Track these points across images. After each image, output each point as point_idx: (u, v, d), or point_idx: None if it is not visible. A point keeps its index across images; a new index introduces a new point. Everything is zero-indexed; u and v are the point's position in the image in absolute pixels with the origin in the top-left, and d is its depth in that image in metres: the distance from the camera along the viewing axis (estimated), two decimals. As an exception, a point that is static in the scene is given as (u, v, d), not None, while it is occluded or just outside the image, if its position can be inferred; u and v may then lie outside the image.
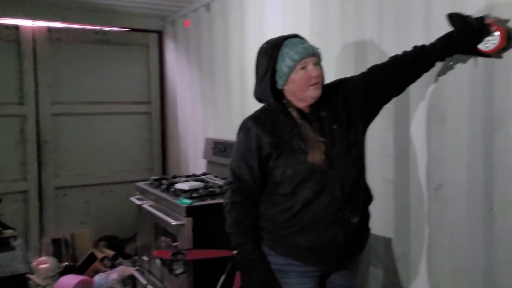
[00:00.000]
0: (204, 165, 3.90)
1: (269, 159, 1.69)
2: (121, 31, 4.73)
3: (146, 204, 3.10)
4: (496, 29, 1.61)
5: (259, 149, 1.69)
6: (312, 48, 1.69)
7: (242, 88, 3.42)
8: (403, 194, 2.15)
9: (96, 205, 4.57)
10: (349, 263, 1.77)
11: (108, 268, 3.95)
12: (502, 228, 1.73)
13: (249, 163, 1.71)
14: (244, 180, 1.72)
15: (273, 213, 1.71)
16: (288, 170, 1.65)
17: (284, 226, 1.69)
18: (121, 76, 4.70)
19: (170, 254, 2.37)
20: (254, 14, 3.24)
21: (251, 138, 1.70)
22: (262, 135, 1.68)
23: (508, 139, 1.68)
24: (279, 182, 1.69)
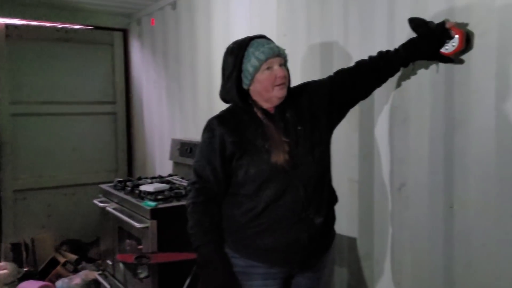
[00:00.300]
0: (170, 166, 3.84)
1: (232, 159, 1.68)
2: (84, 29, 4.63)
3: (109, 207, 3.03)
4: (455, 32, 1.65)
5: (222, 149, 1.68)
6: (278, 48, 1.69)
7: (209, 88, 3.39)
8: (367, 194, 2.17)
9: (58, 208, 4.44)
10: (314, 264, 1.77)
11: (71, 273, 3.85)
12: (460, 226, 1.77)
13: (212, 163, 1.69)
14: (207, 180, 1.70)
15: (236, 214, 1.70)
16: (251, 170, 1.65)
17: (247, 227, 1.68)
18: (84, 75, 4.60)
19: (134, 258, 2.33)
20: (221, 13, 3.22)
21: (214, 138, 1.69)
22: (226, 135, 1.68)
23: (467, 139, 1.72)
24: (242, 182, 1.68)
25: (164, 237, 2.57)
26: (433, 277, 1.88)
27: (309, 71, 2.42)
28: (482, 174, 1.68)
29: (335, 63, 2.28)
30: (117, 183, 3.23)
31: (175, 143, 3.69)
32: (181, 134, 3.82)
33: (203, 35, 3.45)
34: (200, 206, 1.71)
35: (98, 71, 4.70)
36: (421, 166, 1.90)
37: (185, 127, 3.77)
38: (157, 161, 4.29)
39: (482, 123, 1.67)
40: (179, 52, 3.81)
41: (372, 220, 2.17)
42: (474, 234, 1.72)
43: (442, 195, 1.83)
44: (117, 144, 4.81)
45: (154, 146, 4.35)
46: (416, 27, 1.72)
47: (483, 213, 1.68)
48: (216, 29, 3.28)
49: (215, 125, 1.71)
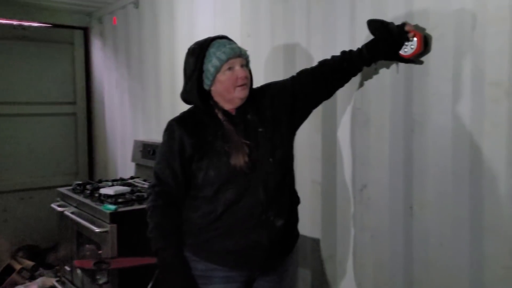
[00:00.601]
0: (132, 168, 3.77)
1: (192, 162, 1.66)
2: (42, 27, 4.48)
3: (68, 211, 2.95)
4: (414, 35, 1.67)
5: (181, 152, 1.65)
6: (240, 49, 1.67)
7: (172, 89, 3.34)
8: (330, 196, 2.18)
9: (14, 213, 4.29)
10: (275, 267, 1.75)
11: (27, 280, 3.73)
12: (419, 226, 1.80)
13: (172, 166, 1.67)
14: (166, 183, 1.68)
15: (195, 216, 1.68)
16: (211, 172, 1.63)
17: (207, 230, 1.66)
18: (42, 75, 4.46)
19: (92, 264, 2.26)
20: (185, 13, 3.18)
21: (174, 140, 1.67)
22: (185, 137, 1.65)
23: (425, 141, 1.75)
24: (201, 185, 1.66)
25: (124, 241, 2.51)
26: (394, 277, 1.91)
27: (273, 72, 2.42)
28: (439, 175, 1.71)
29: (298, 64, 2.28)
30: (76, 186, 3.15)
31: (137, 145, 3.62)
32: (144, 135, 3.75)
33: (166, 34, 3.40)
34: (160, 210, 1.68)
35: (57, 70, 4.56)
36: (381, 168, 1.92)
37: (148, 128, 3.70)
38: (119, 163, 4.20)
39: (439, 125, 1.70)
40: (142, 52, 3.75)
41: (334, 221, 2.18)
42: (432, 234, 1.75)
43: (402, 196, 1.85)
44: (77, 146, 4.68)
45: (116, 148, 4.26)
46: (374, 31, 1.74)
47: (440, 213, 1.71)
48: (180, 29, 3.24)
49: (174, 127, 1.69)
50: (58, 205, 3.09)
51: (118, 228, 2.50)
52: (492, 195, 1.56)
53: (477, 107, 1.58)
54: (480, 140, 1.58)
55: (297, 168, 1.88)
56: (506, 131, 1.50)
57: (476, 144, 1.59)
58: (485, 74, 1.54)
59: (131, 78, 3.96)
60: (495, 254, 1.56)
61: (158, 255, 1.65)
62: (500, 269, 1.55)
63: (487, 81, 1.54)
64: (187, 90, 1.71)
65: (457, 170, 1.65)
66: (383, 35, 1.71)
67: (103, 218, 2.57)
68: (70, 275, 3.06)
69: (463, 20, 1.60)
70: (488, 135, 1.55)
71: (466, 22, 1.59)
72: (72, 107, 4.66)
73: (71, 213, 2.91)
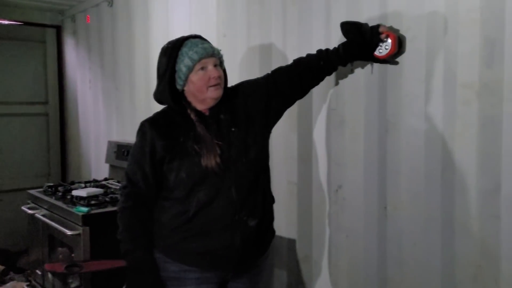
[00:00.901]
0: (106, 170, 3.71)
1: (163, 163, 1.64)
2: (14, 25, 4.36)
3: (39, 214, 2.88)
4: (388, 36, 1.69)
5: (152, 153, 1.64)
6: (213, 48, 1.65)
7: (147, 89, 3.30)
8: (306, 196, 2.19)
9: (-17, 216, 4.16)
10: (249, 268, 1.74)
11: (-3, 284, 3.62)
12: (393, 226, 1.82)
13: (143, 167, 1.65)
14: (137, 185, 1.66)
15: (167, 218, 1.66)
16: (182, 173, 1.61)
17: (179, 231, 1.64)
18: (13, 74, 4.35)
19: (64, 267, 2.21)
20: (160, 12, 3.15)
21: (145, 141, 1.65)
22: (156, 139, 1.63)
23: (399, 141, 1.77)
24: (173, 186, 1.64)
25: (97, 244, 2.47)
26: (368, 276, 1.92)
27: (248, 72, 2.41)
28: (412, 176, 1.73)
29: (274, 64, 2.27)
30: (47, 188, 3.08)
31: (111, 146, 3.56)
32: (118, 136, 3.69)
33: (141, 33, 3.36)
34: (130, 211, 1.66)
35: (29, 69, 4.46)
36: (356, 168, 1.94)
37: (122, 129, 3.65)
38: (92, 164, 4.13)
39: (412, 126, 1.72)
40: (116, 51, 3.69)
41: (310, 222, 2.19)
42: (405, 234, 1.77)
43: (376, 196, 1.87)
44: (49, 147, 4.58)
45: (90, 149, 4.18)
46: (347, 33, 1.74)
47: (414, 213, 1.74)
48: (155, 28, 3.20)
49: (146, 128, 1.67)
50: (29, 208, 3.02)
51: (91, 231, 2.46)
52: (463, 195, 1.59)
53: (449, 108, 1.60)
54: (451, 141, 1.60)
55: (273, 168, 1.88)
56: (477, 132, 1.53)
57: (448, 144, 1.61)
58: (456, 76, 1.57)
59: (105, 78, 3.90)
60: (466, 253, 1.59)
61: (127, 257, 1.63)
62: (471, 268, 1.58)
63: (459, 83, 1.57)
64: (160, 90, 1.69)
65: (430, 170, 1.67)
66: (356, 37, 1.71)
67: (75, 220, 2.52)
68: (41, 279, 2.99)
69: (436, 22, 1.62)
70: (459, 136, 1.58)
71: (439, 24, 1.62)
72: (44, 107, 4.56)
73: (42, 215, 2.84)
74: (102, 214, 2.54)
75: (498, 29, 1.46)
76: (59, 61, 4.60)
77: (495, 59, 1.47)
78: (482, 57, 1.50)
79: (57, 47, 4.59)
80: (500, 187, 1.48)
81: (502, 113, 1.46)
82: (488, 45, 1.49)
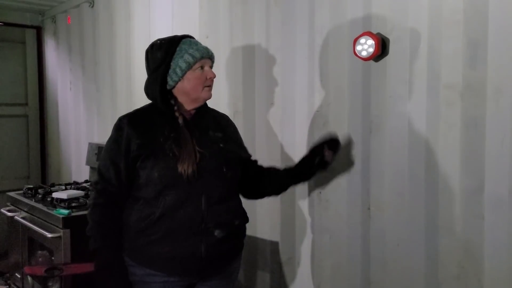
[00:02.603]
0: (87, 172, 3.65)
1: (137, 161, 1.60)
2: (-9, 25, 4.29)
3: (18, 216, 2.82)
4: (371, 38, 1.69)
5: (127, 151, 1.60)
6: (211, 51, 1.68)
7: (128, 90, 3.27)
8: (289, 198, 2.18)
9: (-40, 219, 4.05)
10: (215, 274, 1.70)
11: (-26, 289, 3.52)
12: (376, 227, 1.82)
13: (116, 164, 1.61)
14: (109, 181, 1.62)
15: (133, 219, 1.62)
16: (155, 173, 1.58)
17: (144, 234, 1.60)
18: (-9, 74, 4.26)
19: (44, 270, 2.16)
20: (141, 13, 3.12)
21: (121, 138, 1.61)
22: (133, 136, 1.60)
23: (382, 142, 1.78)
24: (144, 184, 1.61)
25: (78, 247, 2.42)
26: (352, 278, 1.92)
27: (232, 73, 2.40)
28: (396, 176, 1.74)
29: (257, 65, 2.28)
30: (27, 190, 3.01)
31: (92, 148, 3.51)
32: (99, 138, 3.64)
33: (122, 35, 3.32)
34: (101, 208, 1.62)
35: (8, 70, 4.38)
36: (339, 169, 1.93)
37: (103, 130, 3.60)
38: (73, 166, 4.07)
39: (396, 126, 1.73)
40: (97, 52, 3.65)
41: (293, 223, 2.18)
42: (388, 235, 1.78)
43: (360, 197, 1.87)
44: (29, 149, 4.50)
45: (70, 151, 4.12)
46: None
47: (397, 214, 1.74)
48: (137, 30, 3.17)
49: (124, 124, 1.63)
50: (8, 210, 2.96)
51: (72, 233, 2.42)
52: (446, 195, 1.60)
53: (433, 109, 1.61)
54: (435, 142, 1.62)
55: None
56: (459, 132, 1.55)
57: (432, 145, 1.63)
58: (440, 77, 1.58)
59: (85, 79, 3.85)
60: (449, 253, 1.60)
61: (96, 255, 1.59)
62: (454, 268, 1.59)
63: (442, 84, 1.58)
64: (150, 82, 1.66)
65: (413, 171, 1.68)
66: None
67: (56, 223, 2.47)
68: (20, 282, 2.92)
69: (419, 23, 1.64)
70: (443, 136, 1.59)
71: (422, 25, 1.63)
72: (23, 109, 4.48)
73: (22, 218, 2.79)
74: (83, 217, 2.45)
75: (481, 30, 1.48)
76: (39, 62, 4.53)
77: (478, 60, 1.49)
78: (466, 58, 1.52)
79: (37, 48, 4.52)
80: (483, 187, 1.50)
81: (486, 113, 1.48)
82: (471, 46, 1.51)
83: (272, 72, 2.20)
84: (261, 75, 2.27)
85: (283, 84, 2.16)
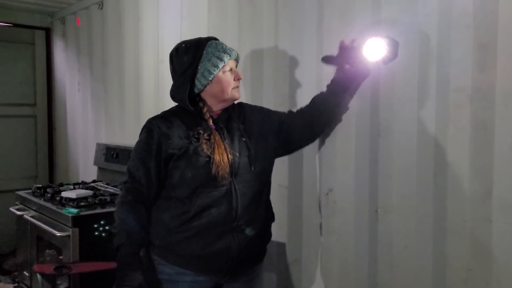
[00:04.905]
0: (95, 172, 3.67)
1: (170, 161, 1.63)
2: (3, 26, 4.33)
3: (27, 215, 2.85)
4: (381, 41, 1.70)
5: (159, 152, 1.63)
6: (236, 51, 1.72)
7: (137, 92, 3.29)
8: (296, 199, 2.19)
9: (-31, 218, 4.08)
10: (243, 274, 1.73)
11: (-18, 287, 3.56)
12: (384, 229, 1.82)
13: (146, 165, 1.64)
14: (139, 181, 1.64)
15: (166, 217, 1.64)
16: (188, 173, 1.60)
17: (176, 232, 1.63)
18: (2, 75, 4.33)
19: (52, 269, 2.17)
20: (150, 15, 3.14)
21: (152, 139, 1.64)
22: (165, 136, 1.63)
23: (391, 145, 1.78)
24: (177, 185, 1.63)
25: (86, 246, 2.45)
26: (359, 280, 1.92)
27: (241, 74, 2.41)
28: (404, 179, 1.74)
29: (265, 67, 2.29)
30: (36, 190, 3.04)
31: (100, 148, 3.53)
32: (106, 138, 3.67)
33: (131, 36, 3.34)
34: (127, 206, 1.64)
35: (18, 71, 4.43)
36: (347, 172, 1.94)
37: (111, 131, 3.62)
38: (80, 166, 4.09)
39: (405, 129, 1.73)
40: (106, 54, 3.67)
41: (301, 225, 2.19)
42: (396, 237, 1.78)
43: (368, 199, 1.87)
44: (37, 149, 4.54)
45: (78, 151, 4.15)
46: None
47: (405, 217, 1.74)
48: (145, 31, 3.19)
49: (154, 126, 1.66)
50: (17, 209, 2.99)
51: (80, 232, 2.44)
52: (455, 198, 1.60)
53: (442, 112, 1.61)
54: (444, 144, 1.62)
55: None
56: (469, 136, 1.54)
57: (441, 148, 1.63)
58: (449, 80, 1.58)
59: (94, 80, 3.87)
60: (458, 256, 1.60)
61: (120, 251, 1.60)
62: (462, 271, 1.59)
63: (452, 87, 1.58)
64: (177, 86, 1.68)
65: (422, 174, 1.68)
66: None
67: (65, 222, 2.49)
68: (29, 280, 2.96)
69: (429, 26, 1.64)
70: (452, 139, 1.59)
71: (432, 28, 1.63)
72: (32, 109, 4.53)
73: (31, 216, 2.81)
74: (92, 216, 2.52)
75: (491, 34, 1.48)
76: (48, 63, 4.58)
77: (487, 63, 1.49)
78: (475, 61, 1.52)
79: (46, 49, 4.56)
80: (492, 190, 1.49)
81: (495, 117, 1.48)
82: (481, 49, 1.51)
83: (280, 74, 2.22)
84: (269, 76, 2.28)
85: (292, 85, 2.17)
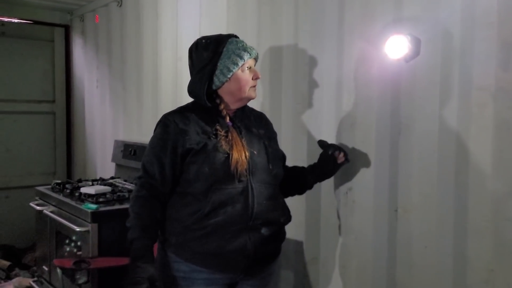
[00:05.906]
0: (113, 168, 3.71)
1: (187, 156, 1.62)
2: (23, 23, 4.38)
3: (47, 210, 2.89)
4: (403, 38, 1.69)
5: (175, 147, 1.62)
6: (256, 50, 1.72)
7: (155, 89, 3.31)
8: (315, 198, 2.18)
9: (-11, 213, 4.17)
10: (258, 272, 1.72)
11: (2, 280, 3.62)
12: (403, 229, 1.81)
13: (161, 160, 1.63)
14: (153, 176, 1.64)
15: (181, 214, 1.64)
16: (205, 168, 1.60)
17: (192, 229, 1.62)
18: (21, 72, 4.37)
19: (72, 263, 2.20)
20: (169, 13, 3.16)
21: (168, 135, 1.64)
22: (182, 132, 1.62)
23: (411, 144, 1.77)
24: (192, 180, 1.62)
25: (105, 241, 2.48)
26: (377, 280, 1.91)
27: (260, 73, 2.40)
28: (424, 178, 1.73)
29: (285, 65, 2.29)
30: (55, 185, 3.08)
31: (118, 145, 3.57)
32: (124, 135, 3.70)
33: (149, 34, 3.36)
34: (142, 200, 1.64)
35: (37, 68, 4.48)
36: (367, 170, 1.93)
37: (129, 128, 3.65)
38: (98, 163, 4.13)
39: (426, 128, 1.72)
40: (124, 51, 3.70)
41: (318, 224, 2.18)
42: (416, 237, 1.76)
43: (387, 198, 1.86)
44: (56, 146, 4.60)
45: (96, 148, 4.19)
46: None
47: (425, 216, 1.73)
48: (164, 29, 3.21)
49: (170, 121, 1.65)
50: (37, 204, 3.03)
51: (99, 228, 2.47)
52: (476, 198, 1.58)
53: (464, 111, 1.60)
54: (466, 144, 1.60)
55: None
56: (491, 135, 1.53)
57: (462, 147, 1.61)
58: (472, 78, 1.57)
59: (112, 78, 3.91)
60: (479, 257, 1.58)
61: (133, 244, 1.60)
62: (483, 272, 1.57)
63: (474, 86, 1.56)
64: (195, 81, 1.68)
65: (443, 173, 1.67)
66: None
67: (84, 217, 2.52)
68: (48, 275, 2.99)
69: (452, 25, 1.62)
70: (474, 138, 1.58)
71: (455, 26, 1.62)
72: (51, 106, 4.58)
73: (51, 212, 2.85)
74: (110, 212, 2.54)
75: (516, 32, 1.46)
76: (67, 60, 4.63)
77: (511, 62, 1.47)
78: (499, 59, 1.50)
79: (65, 46, 4.62)
80: (514, 190, 1.48)
81: (518, 116, 1.46)
82: (504, 48, 1.49)
83: (299, 71, 2.21)
84: (288, 74, 2.27)
85: (311, 84, 2.17)
